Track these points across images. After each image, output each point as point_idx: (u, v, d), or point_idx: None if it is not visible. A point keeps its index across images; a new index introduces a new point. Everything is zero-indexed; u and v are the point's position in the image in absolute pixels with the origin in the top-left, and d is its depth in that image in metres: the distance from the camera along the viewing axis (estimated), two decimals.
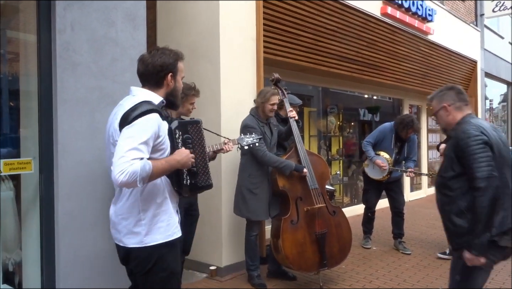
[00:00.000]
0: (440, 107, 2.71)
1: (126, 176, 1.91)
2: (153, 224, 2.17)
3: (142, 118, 2.04)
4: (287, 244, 4.01)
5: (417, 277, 4.64)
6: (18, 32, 3.59)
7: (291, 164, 4.05)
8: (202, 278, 4.62)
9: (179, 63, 2.29)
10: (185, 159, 2.17)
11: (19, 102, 3.48)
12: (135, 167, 1.93)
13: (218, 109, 4.62)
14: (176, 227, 2.28)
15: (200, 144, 2.31)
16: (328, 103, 8.13)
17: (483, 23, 12.94)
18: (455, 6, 11.49)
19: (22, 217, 3.42)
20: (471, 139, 2.45)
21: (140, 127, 2.02)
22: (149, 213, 2.16)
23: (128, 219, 2.18)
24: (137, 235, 2.16)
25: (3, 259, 3.36)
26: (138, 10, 3.68)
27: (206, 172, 2.33)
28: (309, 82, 7.17)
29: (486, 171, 2.38)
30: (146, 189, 2.15)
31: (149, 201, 2.17)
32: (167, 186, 2.25)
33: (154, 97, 2.21)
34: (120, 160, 1.94)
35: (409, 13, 8.26)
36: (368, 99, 9.11)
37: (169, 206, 2.24)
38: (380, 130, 5.67)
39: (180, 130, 2.25)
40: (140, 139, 2.00)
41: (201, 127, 2.34)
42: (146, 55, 2.25)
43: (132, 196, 2.16)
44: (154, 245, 2.16)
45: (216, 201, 4.64)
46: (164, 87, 2.26)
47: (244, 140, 3.63)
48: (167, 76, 2.23)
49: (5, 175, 3.23)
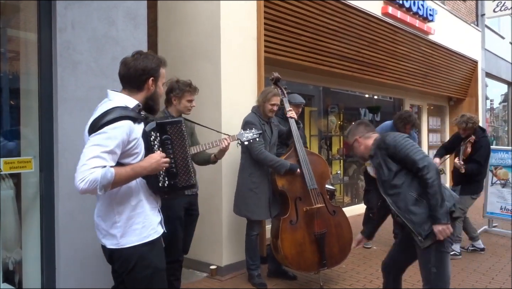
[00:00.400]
0: (353, 140, 3.11)
1: (86, 183, 1.93)
2: (127, 226, 2.18)
3: (109, 126, 2.03)
4: (286, 244, 4.01)
5: (417, 276, 4.60)
6: (19, 31, 3.59)
7: (285, 163, 4.04)
8: (202, 278, 4.62)
9: (161, 69, 2.29)
10: (154, 165, 2.15)
11: (20, 101, 3.49)
12: (95, 175, 1.95)
13: (219, 108, 4.62)
14: (153, 228, 2.27)
15: (181, 144, 2.28)
16: (329, 102, 8.12)
17: (484, 23, 12.93)
18: (456, 6, 11.48)
19: (23, 216, 3.42)
20: (397, 138, 2.86)
21: (107, 135, 2.02)
22: (124, 215, 2.17)
23: (106, 221, 2.20)
24: (113, 237, 2.18)
25: (3, 258, 3.36)
26: (139, 9, 3.69)
27: (187, 172, 2.30)
28: (310, 81, 7.17)
29: (421, 153, 2.80)
30: (120, 191, 2.15)
31: (123, 204, 2.18)
32: (143, 188, 2.24)
33: (129, 101, 2.20)
34: (82, 168, 1.96)
35: (410, 13, 8.25)
36: (369, 99, 9.11)
37: (144, 208, 2.24)
38: (382, 127, 5.66)
39: (157, 131, 2.23)
40: (104, 147, 2.00)
41: (181, 127, 2.29)
42: (129, 58, 2.25)
43: (107, 197, 2.16)
44: (131, 247, 2.18)
45: (217, 200, 4.64)
46: (144, 91, 2.25)
47: (244, 136, 3.62)
48: (148, 80, 2.23)
49: (6, 174, 3.23)
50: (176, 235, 3.62)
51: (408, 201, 2.82)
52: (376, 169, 2.97)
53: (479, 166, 5.16)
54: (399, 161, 2.83)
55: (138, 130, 2.17)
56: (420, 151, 2.82)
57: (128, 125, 2.09)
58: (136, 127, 2.16)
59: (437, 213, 2.72)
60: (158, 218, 2.34)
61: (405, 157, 2.79)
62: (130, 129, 2.10)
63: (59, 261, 3.22)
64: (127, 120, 2.09)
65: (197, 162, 3.86)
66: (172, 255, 3.65)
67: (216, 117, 4.61)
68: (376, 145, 2.96)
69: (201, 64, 4.79)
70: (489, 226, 6.77)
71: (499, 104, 18.36)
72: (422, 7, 8.55)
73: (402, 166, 2.84)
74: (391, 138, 2.88)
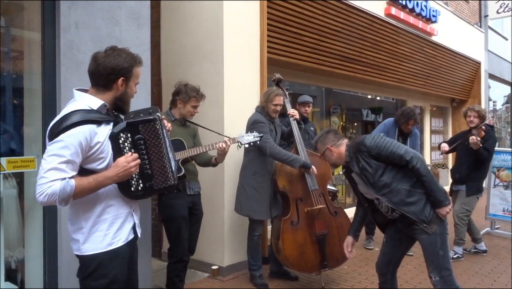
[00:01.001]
0: (324, 149, 3.13)
1: (45, 197, 1.87)
2: (91, 233, 2.07)
3: (66, 133, 1.91)
4: (287, 245, 4.01)
5: (419, 278, 4.63)
6: (22, 30, 3.60)
7: (299, 158, 4.04)
8: (204, 278, 4.62)
9: (135, 69, 2.14)
10: (121, 174, 2.02)
11: (23, 100, 3.49)
12: (53, 189, 1.87)
13: (221, 109, 4.62)
14: (117, 236, 2.13)
15: (156, 144, 2.12)
16: (331, 103, 8.12)
17: (487, 24, 12.90)
18: (459, 7, 11.46)
19: (25, 215, 3.43)
20: (376, 138, 2.93)
21: (63, 144, 1.90)
22: (89, 221, 2.07)
23: (73, 225, 2.10)
24: (77, 242, 2.09)
25: (6, 256, 3.36)
26: (142, 9, 3.69)
27: (164, 173, 2.15)
28: (312, 82, 7.16)
29: (402, 147, 2.91)
30: (86, 197, 2.03)
31: (89, 209, 2.07)
32: (112, 193, 2.11)
33: (94, 102, 2.06)
34: (40, 180, 1.88)
35: (413, 14, 8.24)
36: (371, 100, 9.10)
37: (110, 214, 2.11)
38: (384, 123, 5.64)
39: (128, 132, 2.07)
40: (61, 158, 1.89)
41: (155, 125, 2.11)
42: (100, 54, 2.10)
43: (74, 203, 2.05)
44: (92, 254, 2.07)
45: (219, 200, 4.64)
46: (112, 91, 2.10)
47: (244, 139, 3.62)
48: (118, 80, 2.08)
49: (9, 173, 3.24)
50: (180, 234, 3.63)
51: (402, 194, 2.88)
52: (359, 174, 2.99)
53: (489, 154, 5.14)
54: (384, 159, 2.90)
55: (103, 133, 2.04)
56: (400, 145, 2.92)
57: (87, 130, 1.95)
58: (101, 130, 2.03)
59: (438, 196, 2.85)
60: (129, 223, 2.21)
61: (390, 154, 2.87)
62: (91, 134, 1.97)
63: (61, 260, 3.22)
64: (88, 124, 1.96)
65: (198, 163, 3.87)
66: (176, 254, 3.66)
67: (219, 118, 4.62)
68: (354, 150, 3.00)
69: (203, 64, 4.80)
70: (492, 228, 6.76)
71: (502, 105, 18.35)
72: (425, 8, 8.54)
73: (388, 163, 2.91)
74: (370, 140, 2.94)
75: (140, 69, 2.21)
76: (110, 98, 2.11)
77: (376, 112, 9.27)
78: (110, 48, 2.13)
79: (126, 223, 2.19)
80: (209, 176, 4.54)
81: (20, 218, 3.46)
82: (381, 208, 3.10)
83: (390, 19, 7.54)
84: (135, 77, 2.17)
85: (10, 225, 3.44)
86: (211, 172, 4.45)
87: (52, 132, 1.94)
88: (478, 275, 4.77)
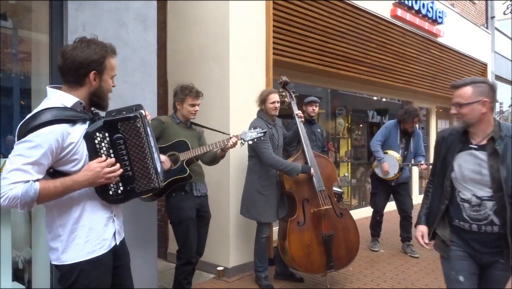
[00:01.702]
0: (477, 100, 2.30)
1: (6, 200, 1.72)
2: (70, 240, 1.92)
3: (35, 133, 1.76)
4: (293, 246, 4.01)
5: (425, 280, 4.61)
6: (30, 32, 3.63)
7: (297, 167, 4.03)
8: (209, 279, 4.63)
9: (107, 60, 1.96)
10: (92, 178, 1.85)
11: (30, 102, 3.52)
12: (15, 192, 1.72)
13: (227, 110, 4.64)
14: (99, 243, 1.98)
15: (137, 144, 1.94)
16: (336, 105, 8.11)
17: (493, 26, 12.85)
18: (466, 8, 11.42)
19: (32, 215, 3.45)
20: None
21: (30, 144, 1.75)
22: (67, 228, 1.92)
23: (50, 232, 1.95)
24: (55, 251, 1.94)
25: (13, 256, 3.39)
26: (149, 11, 3.71)
27: (147, 175, 1.98)
28: (318, 84, 7.16)
29: None
30: (60, 201, 1.89)
31: (65, 216, 1.92)
32: (88, 198, 1.96)
33: (67, 99, 1.90)
34: (2, 181, 1.73)
35: (419, 15, 8.23)
36: (377, 101, 9.08)
37: (90, 219, 1.96)
38: (386, 126, 5.65)
39: (106, 131, 1.90)
40: (27, 159, 1.74)
41: (135, 123, 1.92)
42: (68, 47, 1.92)
43: (49, 208, 1.93)
44: (72, 263, 1.92)
45: (224, 202, 4.65)
46: (86, 86, 1.93)
47: (247, 136, 3.62)
48: (89, 74, 1.90)
49: None
50: (188, 236, 3.62)
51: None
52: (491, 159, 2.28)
53: None
54: None
55: (77, 133, 1.88)
56: None
57: (59, 130, 1.80)
58: (75, 130, 1.87)
59: None
60: (111, 229, 2.05)
61: None
62: (63, 134, 1.81)
63: None
64: (60, 124, 1.81)
65: (205, 162, 3.88)
66: (185, 256, 3.66)
67: (224, 119, 4.63)
68: (505, 130, 2.31)
69: (209, 65, 4.81)
70: None
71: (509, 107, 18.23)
72: (431, 9, 8.52)
73: None
74: None
75: (114, 60, 2.02)
76: (84, 94, 1.94)
77: (382, 114, 9.25)
78: (79, 40, 1.95)
79: (107, 228, 2.03)
80: (215, 177, 4.56)
81: (27, 219, 3.49)
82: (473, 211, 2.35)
83: (396, 21, 7.53)
84: (109, 69, 1.98)
85: (18, 226, 3.46)
86: (216, 173, 4.46)
87: (20, 132, 1.79)
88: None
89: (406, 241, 5.66)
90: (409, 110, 5.43)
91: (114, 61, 2.02)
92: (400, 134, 5.55)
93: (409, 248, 5.60)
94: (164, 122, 3.58)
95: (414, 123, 5.45)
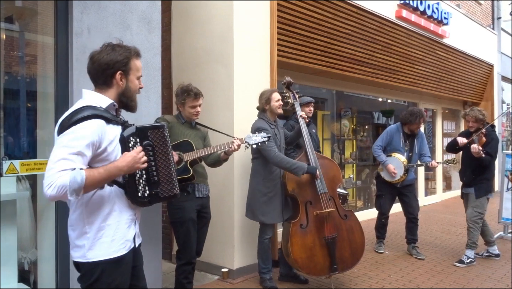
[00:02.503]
0: None
1: (54, 189, 1.75)
2: (96, 238, 1.98)
3: (78, 125, 1.85)
4: (296, 248, 4.00)
5: (431, 282, 4.59)
6: (36, 35, 3.66)
7: (303, 166, 4.02)
8: (214, 280, 4.63)
9: (132, 61, 2.07)
10: (130, 163, 1.95)
11: (36, 104, 3.55)
12: (63, 179, 1.76)
13: (232, 112, 4.64)
14: (123, 243, 2.06)
15: (164, 151, 2.09)
16: (342, 106, 8.10)
17: (500, 26, 12.77)
18: (472, 9, 11.37)
19: (38, 217, 3.47)
20: None
21: (74, 135, 1.84)
22: (94, 226, 1.99)
23: (75, 230, 2.01)
24: (81, 249, 1.99)
25: (19, 258, 3.41)
26: (153, 13, 3.73)
27: (170, 181, 2.11)
28: (323, 85, 7.16)
29: None
30: (92, 200, 1.97)
31: (95, 214, 1.99)
32: (118, 198, 2.05)
33: (102, 100, 2.02)
34: (49, 172, 1.78)
35: (425, 16, 8.20)
36: (382, 103, 9.06)
37: (116, 220, 2.04)
38: (387, 131, 5.64)
39: (137, 136, 2.03)
40: (72, 149, 1.81)
41: (164, 132, 2.10)
42: (95, 52, 2.06)
43: (78, 206, 1.99)
44: (97, 261, 1.99)
45: (229, 203, 4.66)
46: (114, 87, 2.05)
47: (252, 139, 3.61)
48: (115, 75, 2.02)
49: (22, 175, 3.29)
50: (189, 237, 3.64)
51: None
52: None
53: (491, 158, 5.13)
54: None
55: (112, 133, 1.99)
56: None
57: (99, 125, 1.91)
58: (110, 129, 1.97)
59: None
60: (132, 231, 2.13)
61: None
62: (102, 129, 1.92)
63: None
64: (98, 119, 1.91)
65: (208, 164, 3.89)
66: (185, 257, 3.69)
67: (229, 120, 4.64)
68: None
69: (214, 67, 4.83)
70: (505, 232, 6.66)
71: None
72: (436, 10, 8.49)
73: None
74: None
75: (139, 62, 2.12)
76: (113, 95, 2.06)
77: (388, 115, 9.23)
78: (105, 44, 2.07)
79: (130, 230, 2.11)
80: (219, 179, 4.56)
81: (33, 220, 3.52)
82: None
83: (401, 22, 7.51)
84: (134, 70, 2.09)
85: (23, 227, 3.49)
86: (221, 174, 4.47)
87: (62, 126, 1.88)
88: (491, 279, 4.71)
89: (411, 243, 5.63)
90: (414, 112, 5.41)
91: (139, 63, 2.13)
92: (403, 137, 5.53)
93: (415, 250, 5.57)
94: (169, 122, 3.59)
95: (420, 124, 5.44)
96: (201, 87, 3.79)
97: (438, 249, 5.90)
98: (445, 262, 5.30)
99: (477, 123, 5.21)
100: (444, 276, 4.81)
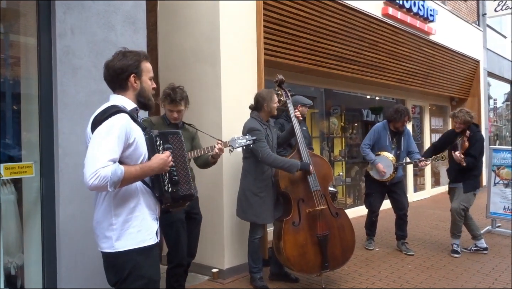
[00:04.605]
0: None
1: (97, 179, 1.91)
2: (124, 229, 2.13)
3: (111, 118, 2.04)
4: (288, 246, 4.00)
5: (420, 278, 4.62)
6: (19, 36, 3.61)
7: (296, 163, 4.02)
8: (204, 280, 4.62)
9: (142, 63, 2.26)
10: (161, 165, 2.15)
11: (20, 106, 3.50)
12: (106, 171, 1.93)
13: (219, 111, 4.62)
14: (149, 234, 2.21)
15: (181, 154, 2.32)
16: (330, 104, 8.12)
17: (485, 23, 12.90)
18: (457, 6, 11.46)
19: (24, 221, 3.43)
20: None
21: (110, 128, 2.02)
22: (120, 218, 2.14)
23: (103, 223, 2.16)
24: (109, 240, 2.14)
25: (5, 262, 3.36)
26: (138, 13, 3.69)
27: (187, 182, 2.32)
28: (311, 83, 7.17)
29: None
30: (119, 193, 2.13)
31: (122, 206, 2.14)
32: (142, 193, 2.21)
33: (127, 103, 2.22)
34: (92, 163, 1.94)
35: (411, 13, 8.25)
36: (371, 100, 9.10)
37: (142, 212, 2.20)
38: (374, 129, 5.65)
39: (161, 139, 2.26)
40: (111, 140, 2.00)
41: (181, 138, 2.35)
42: (109, 60, 2.25)
43: (106, 200, 2.15)
44: (125, 251, 2.13)
45: (218, 203, 4.64)
46: (131, 90, 2.24)
47: (236, 143, 3.58)
48: (129, 77, 2.21)
49: (7, 179, 3.24)
50: (179, 238, 3.61)
51: None
52: None
53: (475, 160, 5.23)
54: None
55: (137, 131, 2.17)
56: None
57: (128, 119, 2.10)
58: (135, 127, 2.16)
59: None
60: (155, 225, 2.28)
61: None
62: (130, 125, 2.11)
63: (60, 265, 3.23)
64: (127, 114, 2.12)
65: (198, 165, 3.86)
66: (176, 258, 3.64)
67: (217, 120, 4.62)
68: None
69: (201, 67, 4.80)
70: (493, 226, 6.74)
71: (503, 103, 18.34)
72: (422, 7, 8.55)
73: None
74: None
75: (149, 64, 2.30)
76: (132, 98, 2.25)
77: (376, 112, 9.27)
78: (117, 52, 2.26)
79: (153, 224, 2.26)
80: (209, 179, 4.54)
81: (19, 224, 3.46)
82: None
83: (387, 19, 7.54)
84: (146, 71, 2.28)
85: (9, 231, 3.43)
86: (210, 174, 4.45)
87: (95, 123, 2.07)
88: (479, 274, 4.75)
89: (401, 239, 5.66)
90: (399, 109, 5.44)
91: (149, 65, 2.31)
92: (390, 135, 5.55)
93: (404, 246, 5.61)
94: (154, 123, 3.56)
95: (405, 122, 5.47)
96: (188, 87, 3.75)
97: (427, 245, 5.94)
98: (434, 257, 5.34)
99: (465, 125, 5.27)
100: (433, 271, 4.84)
